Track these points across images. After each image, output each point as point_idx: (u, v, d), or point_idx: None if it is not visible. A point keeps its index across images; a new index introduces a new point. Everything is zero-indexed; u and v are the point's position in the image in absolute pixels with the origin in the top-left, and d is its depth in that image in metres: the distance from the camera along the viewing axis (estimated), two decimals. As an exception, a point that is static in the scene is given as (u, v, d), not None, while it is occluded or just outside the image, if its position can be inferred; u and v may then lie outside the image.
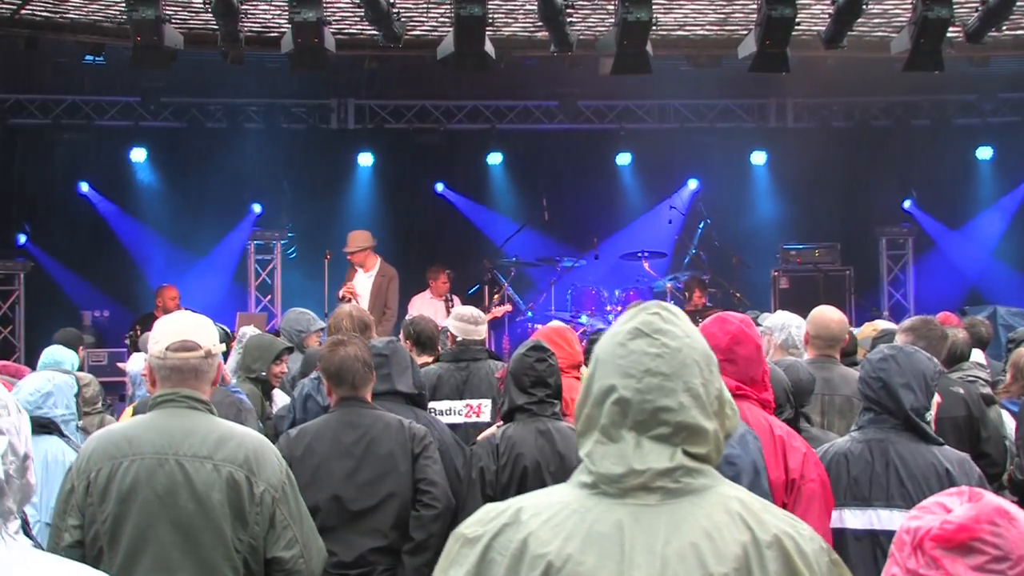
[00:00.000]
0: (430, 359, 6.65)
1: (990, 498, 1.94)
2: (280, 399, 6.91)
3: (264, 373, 6.63)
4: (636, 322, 2.06)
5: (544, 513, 1.98)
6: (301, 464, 4.60)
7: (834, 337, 6.06)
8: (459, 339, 6.46)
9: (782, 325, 6.31)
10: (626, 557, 1.90)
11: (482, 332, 6.60)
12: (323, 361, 4.92)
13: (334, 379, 4.85)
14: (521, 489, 4.66)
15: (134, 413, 5.17)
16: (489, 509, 2.06)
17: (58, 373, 5.35)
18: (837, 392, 5.87)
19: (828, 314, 6.14)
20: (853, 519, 4.03)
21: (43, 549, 2.78)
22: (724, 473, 2.74)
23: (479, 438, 5.36)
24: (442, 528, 4.56)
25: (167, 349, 3.58)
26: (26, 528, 3.66)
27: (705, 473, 1.99)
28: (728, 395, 2.09)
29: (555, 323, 7.12)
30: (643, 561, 1.89)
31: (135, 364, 6.87)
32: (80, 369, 7.74)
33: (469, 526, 2.05)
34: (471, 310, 6.78)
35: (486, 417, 6.08)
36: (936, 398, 4.20)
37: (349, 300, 10.86)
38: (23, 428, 1.88)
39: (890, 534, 3.98)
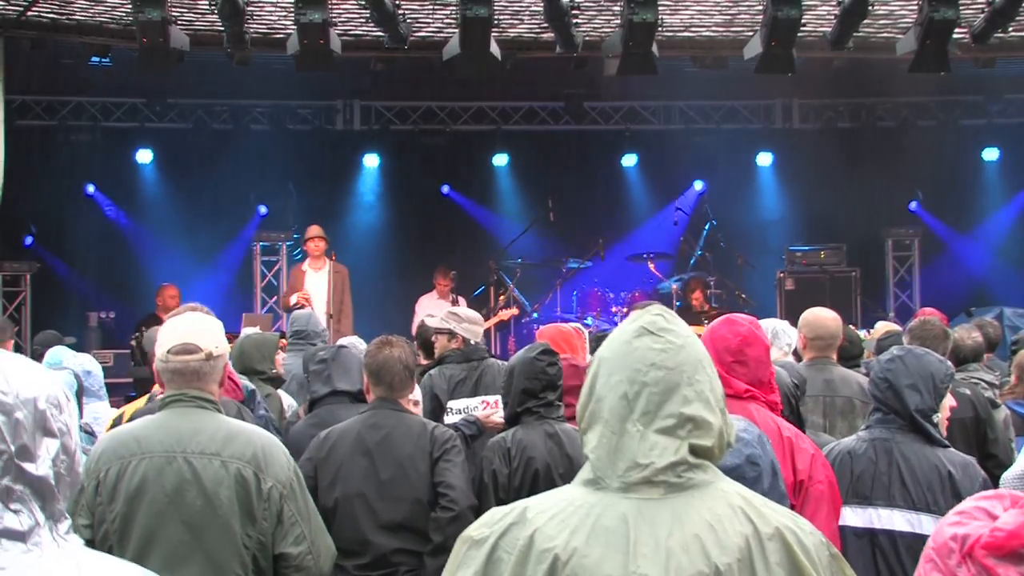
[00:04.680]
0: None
1: None
2: (285, 400, 6.90)
3: (274, 370, 6.52)
4: (641, 322, 2.11)
5: (550, 510, 2.02)
6: (325, 464, 4.69)
7: (833, 335, 6.05)
8: (470, 341, 6.54)
9: (773, 330, 6.28)
10: (631, 549, 1.93)
11: (481, 332, 6.75)
12: (367, 358, 5.00)
13: (373, 378, 4.92)
14: (533, 492, 4.66)
15: (132, 417, 5.17)
16: (495, 511, 2.11)
17: (61, 373, 5.38)
18: (838, 394, 5.86)
19: (823, 314, 6.13)
20: (853, 516, 4.05)
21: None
22: (748, 474, 2.77)
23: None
24: (460, 530, 4.54)
25: (168, 352, 3.61)
26: None
27: (706, 469, 2.02)
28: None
29: (562, 325, 7.12)
30: (648, 552, 1.92)
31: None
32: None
33: (476, 528, 2.10)
34: (473, 313, 6.90)
35: (500, 412, 6.11)
36: (951, 401, 4.21)
37: (303, 307, 10.93)
38: (73, 422, 1.90)
39: (888, 533, 4.00)
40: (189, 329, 3.68)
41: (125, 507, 3.47)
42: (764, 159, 15.72)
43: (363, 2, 10.43)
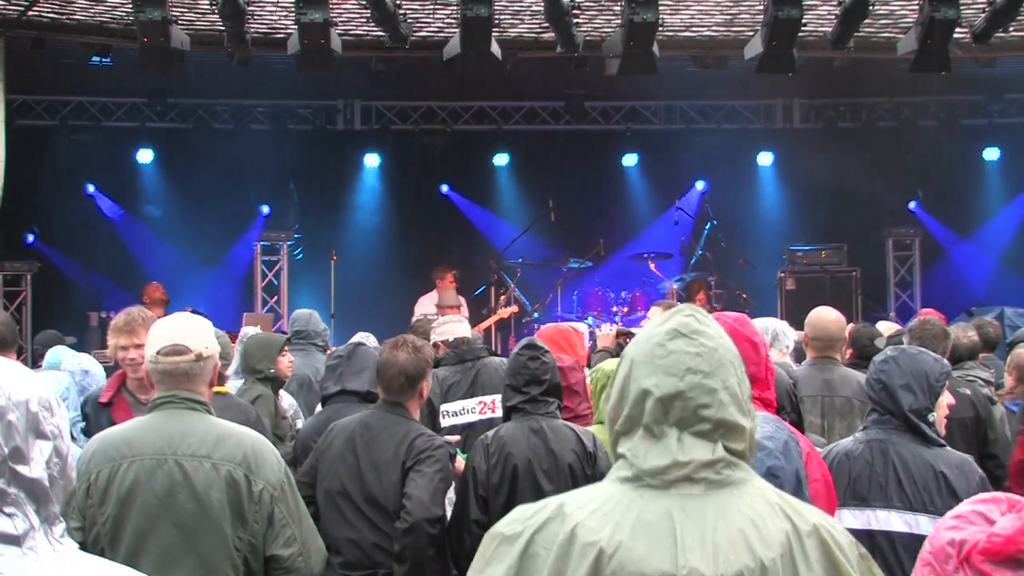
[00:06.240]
0: None
1: None
2: (285, 399, 6.88)
3: (272, 370, 6.48)
4: (673, 323, 2.11)
5: (589, 505, 2.02)
6: (323, 457, 4.77)
7: (832, 337, 6.06)
8: (450, 340, 6.50)
9: (765, 329, 6.28)
10: (679, 543, 1.93)
11: (467, 327, 6.71)
12: (380, 356, 5.04)
13: (376, 375, 4.96)
14: (513, 488, 4.69)
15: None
16: (525, 508, 2.08)
17: (58, 373, 5.38)
18: (837, 394, 5.86)
19: (825, 315, 6.14)
20: (852, 519, 4.05)
21: None
22: None
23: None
24: (416, 541, 4.51)
25: (158, 353, 3.60)
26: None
27: (742, 467, 2.04)
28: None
29: (561, 325, 7.11)
30: (695, 546, 1.93)
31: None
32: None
33: (506, 524, 2.06)
34: (448, 316, 7.01)
35: (500, 412, 6.06)
36: (950, 399, 4.21)
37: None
38: (64, 425, 1.90)
39: (887, 534, 4.00)
40: (178, 330, 3.66)
41: (116, 509, 3.47)
42: (764, 159, 15.73)
43: (364, 2, 10.43)
